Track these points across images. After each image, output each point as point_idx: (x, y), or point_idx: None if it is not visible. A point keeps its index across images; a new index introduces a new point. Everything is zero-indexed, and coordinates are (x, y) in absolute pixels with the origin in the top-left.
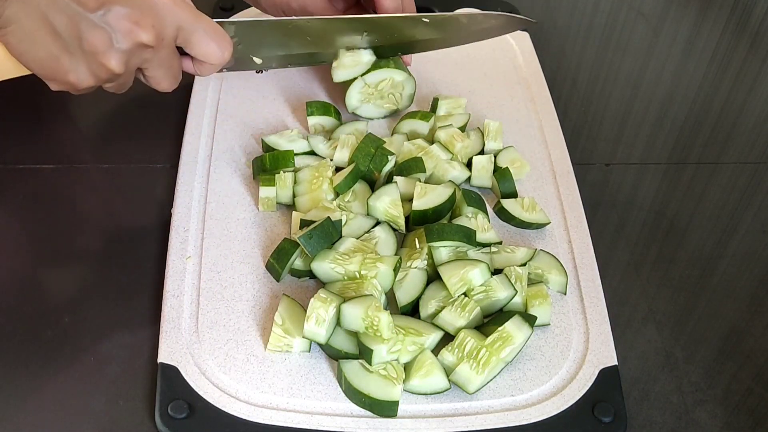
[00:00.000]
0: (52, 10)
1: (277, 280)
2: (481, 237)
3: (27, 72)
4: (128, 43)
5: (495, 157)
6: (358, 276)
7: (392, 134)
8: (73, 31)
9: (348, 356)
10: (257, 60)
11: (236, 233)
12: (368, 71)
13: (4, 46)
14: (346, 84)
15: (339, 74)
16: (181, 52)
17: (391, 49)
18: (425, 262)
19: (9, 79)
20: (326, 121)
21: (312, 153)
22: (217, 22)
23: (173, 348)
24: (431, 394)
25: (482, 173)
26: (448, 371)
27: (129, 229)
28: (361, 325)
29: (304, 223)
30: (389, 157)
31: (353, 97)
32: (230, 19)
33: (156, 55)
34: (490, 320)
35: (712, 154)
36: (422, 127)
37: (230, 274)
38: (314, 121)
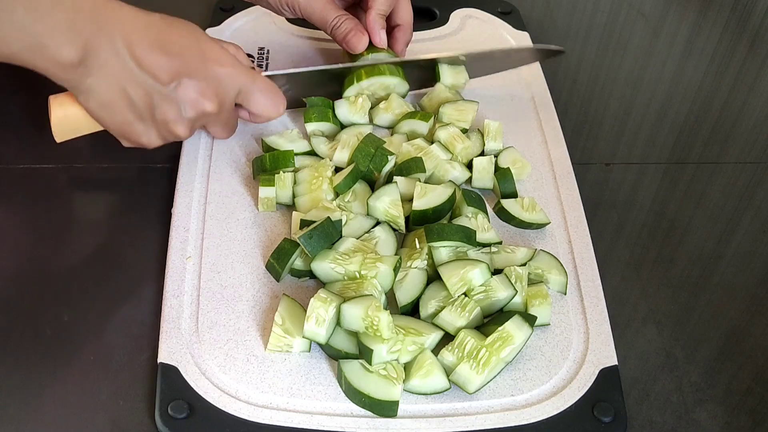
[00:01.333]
0: (130, 83)
1: (277, 280)
2: (481, 237)
3: (102, 128)
4: (195, 112)
5: (496, 157)
6: (358, 276)
7: (392, 134)
8: (147, 103)
9: (348, 356)
10: (305, 101)
11: (236, 233)
12: (363, 78)
13: (84, 110)
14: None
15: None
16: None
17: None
18: (425, 262)
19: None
20: (325, 126)
21: (312, 153)
22: (266, 75)
23: (173, 348)
24: (431, 394)
25: (483, 175)
26: (448, 371)
27: (129, 229)
28: (361, 325)
29: (304, 223)
30: (389, 157)
31: (341, 113)
32: (279, 72)
33: (218, 117)
34: (490, 320)
35: (712, 154)
36: (422, 127)
37: (230, 274)
38: (312, 127)
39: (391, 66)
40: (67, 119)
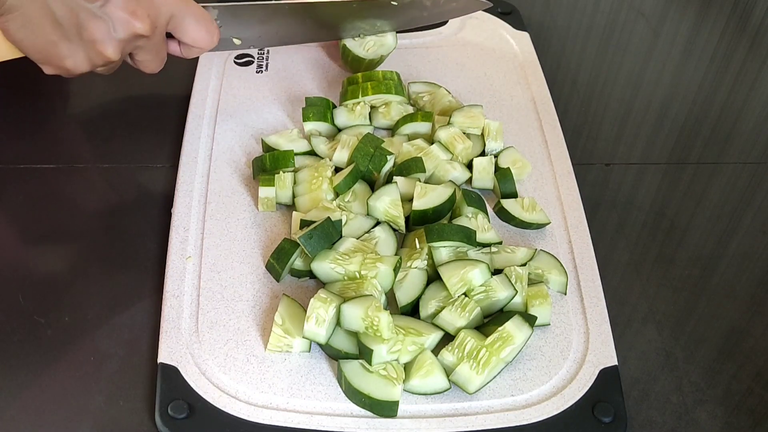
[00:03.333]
0: (54, 0)
1: (277, 280)
2: (481, 237)
3: (21, 55)
4: (125, 32)
5: (496, 157)
6: (358, 276)
7: (393, 135)
8: (73, 21)
9: (348, 356)
10: (237, 41)
11: (236, 233)
12: (369, 93)
13: (2, 32)
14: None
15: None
16: (168, 35)
17: (365, 32)
18: (425, 262)
19: (7, 64)
20: (323, 127)
21: (312, 153)
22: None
23: (173, 348)
24: (431, 394)
25: (483, 175)
26: (448, 371)
27: (129, 229)
28: (361, 325)
29: (304, 223)
30: (388, 157)
31: (340, 120)
32: (213, 4)
33: (149, 42)
34: (490, 320)
35: (712, 154)
36: (423, 127)
37: (230, 274)
38: (310, 126)
39: (397, 83)
40: None
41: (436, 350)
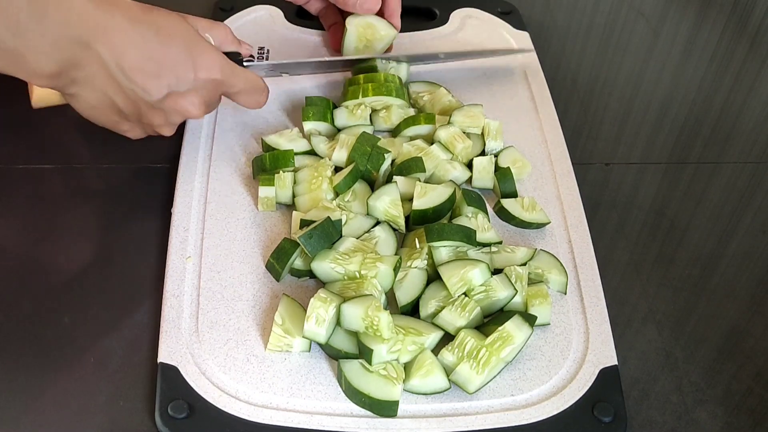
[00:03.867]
0: (117, 94)
1: (277, 280)
2: (481, 237)
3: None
4: (181, 118)
5: (496, 157)
6: (358, 276)
7: (394, 136)
8: (134, 111)
9: (348, 356)
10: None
11: (236, 233)
12: (370, 94)
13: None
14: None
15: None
16: None
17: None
18: (425, 262)
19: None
20: (322, 126)
21: (312, 152)
22: (246, 64)
23: (173, 348)
24: (431, 393)
25: (483, 174)
26: (448, 371)
27: (129, 229)
28: (361, 325)
29: (304, 223)
30: (386, 155)
31: (340, 121)
32: (261, 63)
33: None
34: (490, 320)
35: (712, 154)
36: (425, 129)
37: (230, 274)
38: (310, 126)
39: (398, 86)
40: (47, 93)
41: (436, 350)
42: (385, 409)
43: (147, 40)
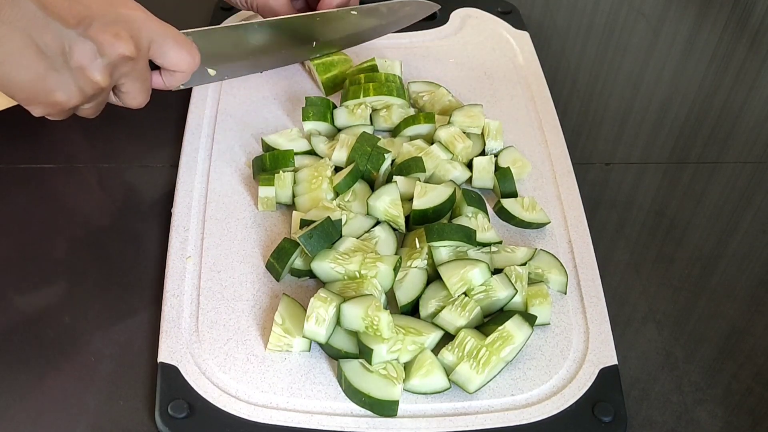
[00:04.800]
0: (35, 30)
1: (277, 280)
2: (481, 237)
3: (14, 103)
4: (111, 55)
5: (496, 156)
6: (358, 276)
7: (394, 137)
8: (58, 48)
9: (348, 356)
10: (211, 72)
11: (236, 233)
12: (371, 94)
13: None
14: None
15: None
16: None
17: (332, 45)
18: (425, 261)
19: None
20: (322, 126)
21: (312, 152)
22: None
23: (173, 348)
24: (431, 393)
25: (483, 174)
26: (448, 371)
27: (129, 229)
28: (361, 324)
29: (304, 223)
30: (386, 155)
31: (340, 121)
32: (186, 30)
33: (135, 67)
34: (490, 320)
35: (712, 154)
36: (425, 129)
37: (230, 274)
38: (310, 126)
39: (399, 86)
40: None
41: (436, 350)
42: (385, 408)
43: None
